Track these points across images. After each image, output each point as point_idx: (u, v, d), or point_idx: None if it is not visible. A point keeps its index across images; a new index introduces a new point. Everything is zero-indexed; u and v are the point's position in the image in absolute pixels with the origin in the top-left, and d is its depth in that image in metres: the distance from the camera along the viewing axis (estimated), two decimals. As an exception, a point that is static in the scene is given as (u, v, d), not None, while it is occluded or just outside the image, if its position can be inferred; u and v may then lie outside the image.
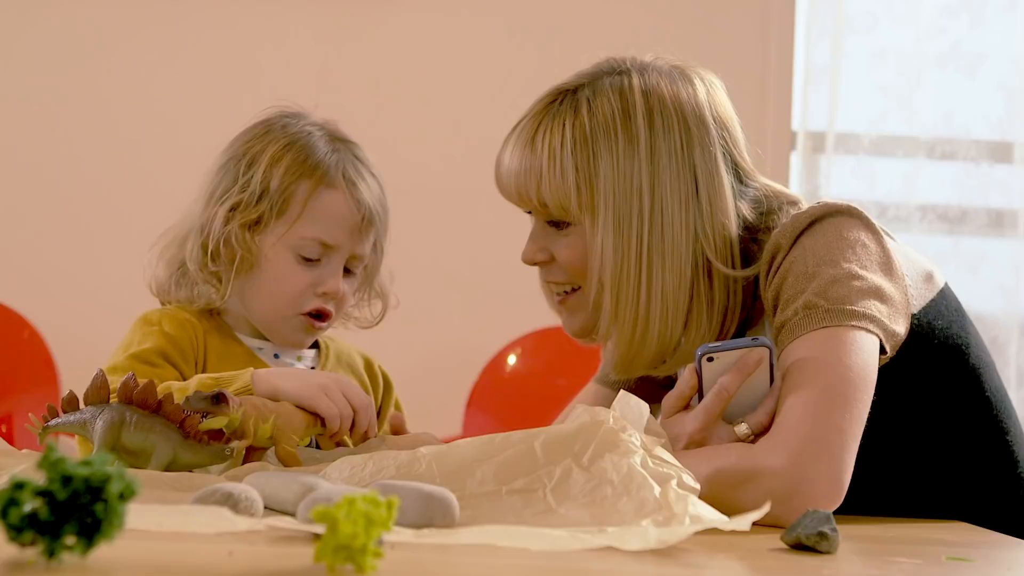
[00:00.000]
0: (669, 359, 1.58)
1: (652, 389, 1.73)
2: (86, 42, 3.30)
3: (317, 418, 1.48)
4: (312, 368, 1.71)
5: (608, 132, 1.53)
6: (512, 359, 3.13)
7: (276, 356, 1.71)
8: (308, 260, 1.66)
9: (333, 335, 1.80)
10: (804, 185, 3.33)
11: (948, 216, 3.35)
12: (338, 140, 1.72)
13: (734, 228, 1.56)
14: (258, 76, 3.27)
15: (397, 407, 1.87)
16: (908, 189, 3.34)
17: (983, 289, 3.29)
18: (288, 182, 1.66)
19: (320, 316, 1.69)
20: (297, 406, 1.47)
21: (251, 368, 1.52)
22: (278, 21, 3.31)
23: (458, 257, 3.29)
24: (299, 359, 1.72)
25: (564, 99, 1.57)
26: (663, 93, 1.55)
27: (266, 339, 1.72)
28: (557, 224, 1.58)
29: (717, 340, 1.56)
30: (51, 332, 3.12)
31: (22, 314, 3.12)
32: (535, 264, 1.62)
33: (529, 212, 1.62)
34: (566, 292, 1.61)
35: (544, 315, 3.09)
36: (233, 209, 1.66)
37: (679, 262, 1.53)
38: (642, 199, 1.52)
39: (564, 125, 1.55)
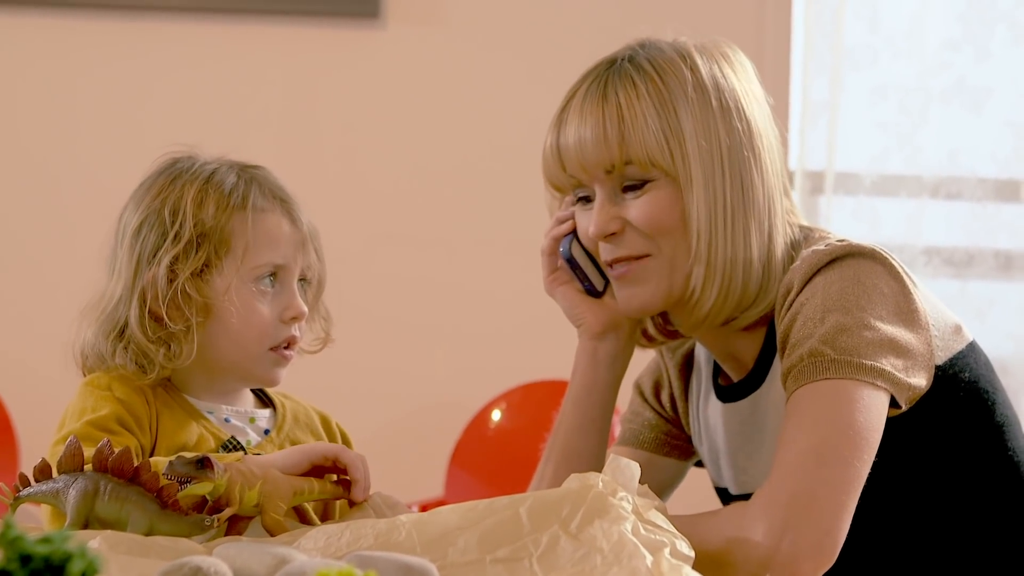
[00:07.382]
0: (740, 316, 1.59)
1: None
2: (70, 79, 3.31)
3: (305, 484, 1.49)
4: (267, 431, 1.72)
5: (681, 83, 1.55)
6: (497, 415, 3.12)
7: (227, 420, 1.71)
8: (265, 291, 1.68)
9: (290, 393, 1.81)
10: (802, 228, 3.34)
11: (954, 259, 3.37)
12: (245, 167, 1.74)
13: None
14: (220, 124, 3.28)
15: None
16: (912, 231, 3.36)
17: (992, 335, 3.28)
18: (223, 221, 1.67)
19: (288, 346, 1.71)
20: (285, 470, 1.49)
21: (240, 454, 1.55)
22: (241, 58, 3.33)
23: (439, 306, 3.29)
24: (252, 420, 1.72)
25: (621, 62, 1.58)
26: (720, 60, 1.60)
27: (216, 397, 1.72)
28: (632, 186, 1.56)
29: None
30: (9, 393, 3.11)
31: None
32: (607, 237, 1.58)
33: (583, 198, 1.61)
34: (631, 261, 1.58)
35: (531, 369, 3.11)
36: (174, 263, 1.66)
37: (760, 216, 1.56)
38: (722, 152, 1.54)
39: (634, 80, 1.55)
